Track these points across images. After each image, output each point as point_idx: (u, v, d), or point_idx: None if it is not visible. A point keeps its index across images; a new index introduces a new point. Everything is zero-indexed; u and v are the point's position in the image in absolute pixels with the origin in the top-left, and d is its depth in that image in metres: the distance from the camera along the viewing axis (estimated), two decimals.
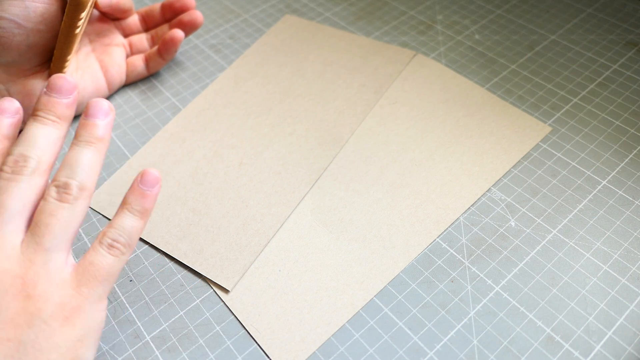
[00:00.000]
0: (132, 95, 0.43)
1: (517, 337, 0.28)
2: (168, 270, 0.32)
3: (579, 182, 0.35)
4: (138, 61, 0.43)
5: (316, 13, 0.50)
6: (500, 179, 0.35)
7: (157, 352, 0.29)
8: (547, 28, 0.46)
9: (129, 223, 0.26)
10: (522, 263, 0.31)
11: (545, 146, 0.37)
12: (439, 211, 0.34)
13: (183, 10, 0.43)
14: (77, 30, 0.35)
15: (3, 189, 0.24)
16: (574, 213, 0.33)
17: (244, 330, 0.29)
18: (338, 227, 0.33)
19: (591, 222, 0.33)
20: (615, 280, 0.30)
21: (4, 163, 0.25)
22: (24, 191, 0.24)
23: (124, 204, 0.26)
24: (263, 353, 0.28)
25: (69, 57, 0.37)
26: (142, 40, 0.44)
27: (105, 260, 0.25)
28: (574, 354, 0.27)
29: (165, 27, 0.44)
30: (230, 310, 0.30)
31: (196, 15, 0.43)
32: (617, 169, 0.35)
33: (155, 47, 0.43)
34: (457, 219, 0.33)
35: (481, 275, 0.31)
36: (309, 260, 0.32)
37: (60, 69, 0.37)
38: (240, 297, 0.31)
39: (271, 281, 0.31)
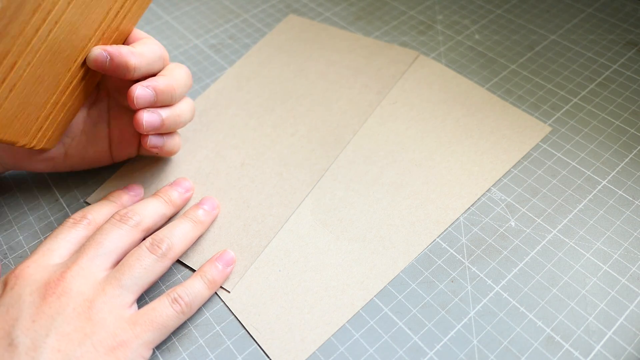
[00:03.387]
0: None
1: (517, 337, 0.28)
2: (168, 270, 0.32)
3: (579, 182, 0.35)
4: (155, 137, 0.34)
5: (316, 13, 0.50)
6: (500, 179, 0.35)
7: (157, 352, 0.29)
8: (547, 28, 0.46)
9: (197, 287, 0.29)
10: (522, 263, 0.31)
11: (545, 146, 0.37)
12: (439, 211, 0.34)
13: None
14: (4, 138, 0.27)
15: (107, 231, 0.29)
16: (574, 213, 0.33)
17: (244, 330, 0.29)
18: (338, 227, 0.33)
19: (591, 222, 0.33)
20: (615, 280, 0.30)
21: (116, 213, 0.30)
22: (121, 237, 0.29)
23: (199, 271, 0.30)
24: (263, 353, 0.28)
25: (29, 142, 0.30)
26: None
27: (166, 311, 0.27)
28: (574, 354, 0.27)
29: None
30: (230, 310, 0.30)
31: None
32: (617, 169, 0.35)
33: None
34: (457, 219, 0.33)
35: (481, 275, 0.31)
36: (309, 260, 0.32)
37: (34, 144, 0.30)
38: (240, 297, 0.31)
39: (271, 281, 0.31)
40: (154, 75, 0.32)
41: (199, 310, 0.30)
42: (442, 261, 0.32)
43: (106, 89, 0.34)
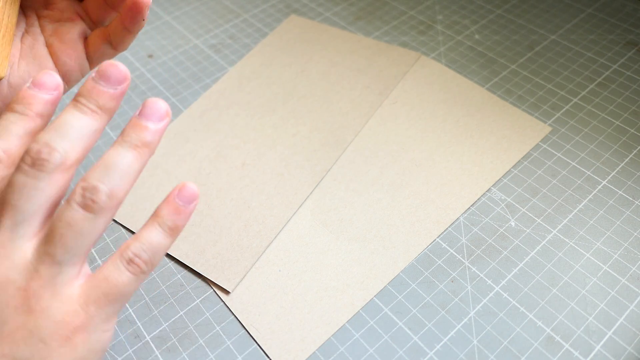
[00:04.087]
0: (131, 95, 0.44)
1: (517, 337, 0.28)
2: (168, 270, 0.32)
3: (579, 182, 0.35)
4: (99, 37, 0.32)
5: (316, 13, 0.50)
6: (500, 179, 0.35)
7: (157, 352, 0.29)
8: (547, 28, 0.46)
9: (156, 239, 0.23)
10: (522, 263, 0.31)
11: (545, 146, 0.37)
12: (439, 211, 0.34)
13: None
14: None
15: (19, 186, 0.21)
16: (574, 213, 0.33)
17: (244, 330, 0.29)
18: (338, 227, 0.33)
19: (591, 222, 0.33)
20: (615, 280, 0.30)
21: (26, 152, 0.21)
22: (41, 191, 0.21)
23: (155, 216, 0.23)
24: (263, 353, 0.28)
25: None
26: (99, 1, 0.32)
27: (121, 278, 0.22)
28: (574, 354, 0.27)
29: None
30: (230, 310, 0.30)
31: None
32: (617, 169, 0.35)
33: (116, 17, 0.31)
34: (457, 219, 0.33)
35: (481, 275, 0.31)
36: (309, 260, 0.32)
37: None
38: (240, 297, 0.31)
39: (271, 281, 0.31)
40: None
41: (199, 310, 0.30)
42: (442, 261, 0.32)
43: (34, 10, 0.31)
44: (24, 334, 0.21)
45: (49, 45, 0.31)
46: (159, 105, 0.23)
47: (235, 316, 0.30)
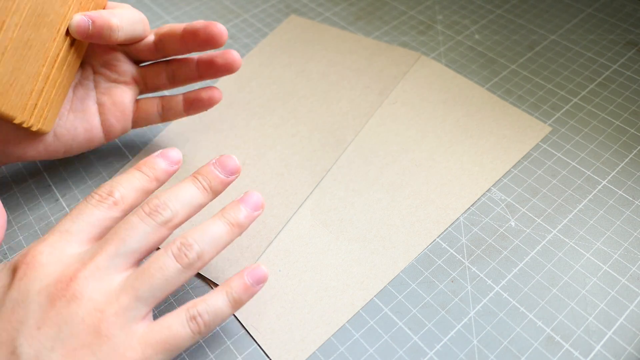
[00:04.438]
0: None
1: (517, 337, 0.28)
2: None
3: (579, 182, 0.35)
4: (152, 107, 0.36)
5: (316, 13, 0.50)
6: (500, 179, 0.35)
7: None
8: (547, 28, 0.46)
9: (220, 305, 0.25)
10: (522, 263, 0.31)
11: (545, 146, 0.37)
12: (439, 211, 0.34)
13: (209, 43, 0.33)
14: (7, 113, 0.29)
15: (132, 225, 0.25)
16: (574, 213, 0.33)
17: (244, 330, 0.29)
18: (338, 227, 0.33)
19: (591, 222, 0.33)
20: (615, 280, 0.30)
21: (147, 201, 0.26)
22: (147, 235, 0.25)
23: (225, 284, 0.26)
24: (263, 353, 0.28)
25: (26, 121, 0.30)
26: (160, 72, 0.35)
27: (182, 331, 0.24)
28: (574, 354, 0.27)
29: (190, 65, 0.35)
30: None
31: (232, 58, 0.34)
32: (617, 169, 0.35)
33: (179, 95, 0.36)
34: (457, 219, 0.33)
35: (481, 275, 0.31)
36: (309, 260, 0.32)
37: (29, 129, 0.31)
38: None
39: (271, 281, 0.31)
40: (138, 39, 0.33)
41: None
42: (442, 261, 0.32)
43: (91, 66, 0.34)
44: (86, 354, 0.22)
45: (100, 104, 0.34)
46: (258, 197, 0.28)
47: (235, 316, 0.30)
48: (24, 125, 0.30)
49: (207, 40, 0.33)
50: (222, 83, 0.43)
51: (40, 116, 0.31)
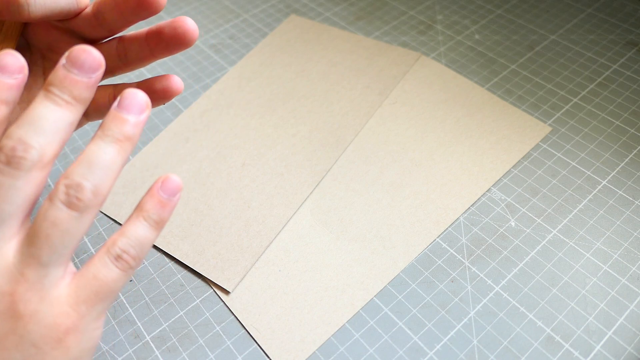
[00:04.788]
0: None
1: (517, 337, 0.28)
2: (168, 270, 0.32)
3: (579, 182, 0.35)
4: (103, 97, 0.30)
5: (316, 13, 0.50)
6: (500, 179, 0.35)
7: (157, 352, 0.29)
8: (547, 28, 0.46)
9: (142, 233, 0.22)
10: (522, 263, 0.31)
11: (545, 146, 0.37)
12: (439, 211, 0.34)
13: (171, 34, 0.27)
14: None
15: None
16: (574, 213, 0.33)
17: (244, 330, 0.29)
18: (338, 227, 0.33)
19: (591, 222, 0.33)
20: (615, 280, 0.30)
21: (0, 149, 0.20)
22: (19, 190, 0.20)
23: (139, 210, 0.23)
24: (263, 353, 0.28)
25: None
26: (109, 50, 0.29)
27: (111, 274, 0.22)
28: (574, 354, 0.27)
29: (140, 38, 0.28)
30: (230, 310, 0.30)
31: (185, 24, 0.26)
32: (617, 169, 0.35)
33: (132, 84, 0.29)
34: (457, 219, 0.33)
35: (481, 275, 0.31)
36: (309, 260, 0.32)
37: None
38: (240, 297, 0.31)
39: (271, 281, 0.31)
40: (65, 13, 0.26)
41: (199, 310, 0.30)
42: (442, 261, 0.32)
43: (38, 50, 0.29)
44: (15, 340, 0.20)
45: None
46: (139, 96, 0.22)
47: (235, 316, 0.30)
48: None
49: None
50: (221, 83, 0.43)
51: None
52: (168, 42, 0.27)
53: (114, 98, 0.29)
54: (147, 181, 0.37)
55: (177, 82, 0.29)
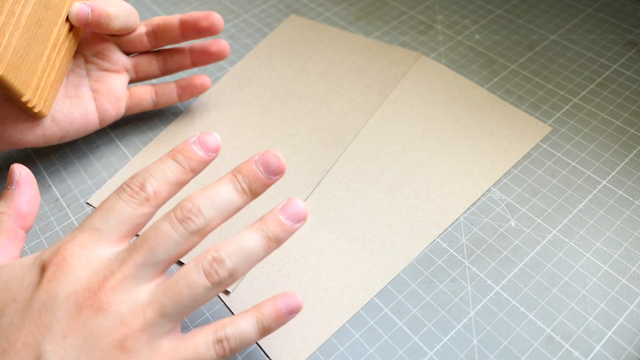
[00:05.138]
0: None
1: (517, 337, 0.28)
2: (168, 270, 0.32)
3: (579, 182, 0.35)
4: (145, 93, 0.38)
5: (316, 13, 0.50)
6: (500, 179, 0.35)
7: None
8: (547, 28, 0.46)
9: (249, 331, 0.24)
10: (522, 263, 0.31)
11: (545, 146, 0.37)
12: (439, 211, 0.34)
13: (210, 31, 0.36)
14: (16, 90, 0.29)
15: (163, 234, 0.23)
16: (574, 213, 0.33)
17: None
18: (338, 227, 0.33)
19: (591, 222, 0.33)
20: (615, 280, 0.30)
21: (179, 206, 0.24)
22: (178, 245, 0.23)
23: (256, 310, 0.24)
24: (263, 353, 0.28)
25: (31, 104, 0.31)
26: (151, 62, 0.38)
27: (206, 354, 0.23)
28: (574, 354, 0.27)
29: (182, 54, 0.38)
30: (230, 310, 0.30)
31: (224, 46, 0.38)
32: (617, 169, 0.35)
33: (171, 83, 0.39)
34: (457, 219, 0.33)
35: (481, 275, 0.31)
36: (309, 260, 0.32)
37: (30, 112, 0.32)
38: (240, 297, 0.31)
39: (271, 281, 0.31)
40: (131, 30, 0.35)
41: (199, 310, 0.30)
42: (442, 261, 0.32)
43: (83, 55, 0.36)
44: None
45: (94, 90, 0.36)
46: (301, 207, 0.25)
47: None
48: (29, 104, 0.31)
49: (208, 28, 0.36)
50: (221, 83, 0.43)
51: (42, 98, 0.32)
52: (211, 56, 0.38)
53: (155, 94, 0.38)
54: None
55: (209, 79, 0.39)
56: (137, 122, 0.41)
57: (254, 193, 0.25)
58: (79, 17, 0.32)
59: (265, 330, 0.24)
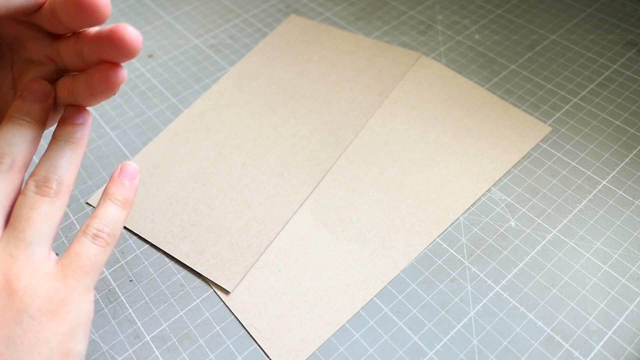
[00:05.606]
0: (132, 96, 0.43)
1: (517, 337, 0.28)
2: (168, 270, 0.32)
3: (579, 182, 0.35)
4: (65, 90, 0.28)
5: (316, 13, 0.50)
6: (500, 179, 0.35)
7: (157, 352, 0.29)
8: (547, 28, 0.46)
9: (112, 212, 0.26)
10: (522, 263, 0.31)
11: (545, 146, 0.37)
12: (439, 211, 0.34)
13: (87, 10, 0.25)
14: None
15: None
16: (574, 213, 0.33)
17: (244, 330, 0.29)
18: (338, 227, 0.33)
19: (591, 222, 0.33)
20: (615, 280, 0.30)
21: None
22: (0, 188, 0.24)
23: (105, 194, 0.27)
24: (263, 353, 0.28)
25: None
26: (69, 46, 0.27)
27: (91, 251, 0.25)
28: (574, 354, 0.27)
29: (94, 40, 0.27)
30: (230, 310, 0.30)
31: (126, 34, 0.24)
32: (617, 169, 0.35)
33: (82, 74, 0.27)
34: (457, 219, 0.33)
35: (481, 275, 0.31)
36: (309, 260, 0.32)
37: None
38: (240, 297, 0.31)
39: (271, 281, 0.31)
40: (22, 9, 0.25)
41: (199, 310, 0.30)
42: (442, 261, 0.32)
43: (7, 44, 0.29)
44: (13, 314, 0.22)
45: (15, 86, 0.29)
46: (79, 110, 0.27)
47: (235, 316, 0.30)
48: None
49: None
50: (221, 83, 0.43)
51: None
52: (108, 47, 0.25)
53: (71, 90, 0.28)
54: (146, 181, 0.37)
55: (116, 74, 0.26)
56: (137, 122, 0.41)
57: (36, 119, 0.26)
58: None
59: (124, 203, 0.27)
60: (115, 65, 0.26)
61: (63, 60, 0.28)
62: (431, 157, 0.37)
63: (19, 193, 0.25)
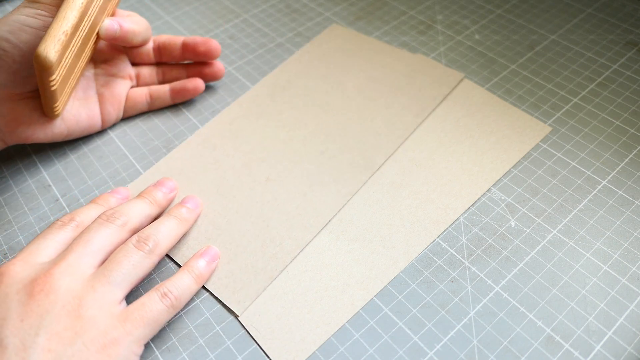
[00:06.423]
0: None
1: (517, 337, 0.28)
2: (168, 270, 0.32)
3: (579, 182, 0.35)
4: (141, 96, 0.40)
5: (316, 13, 0.50)
6: (500, 179, 0.35)
7: (157, 352, 0.29)
8: (547, 28, 0.46)
9: (185, 281, 0.29)
10: (522, 263, 0.31)
11: (545, 146, 0.37)
12: (439, 211, 0.34)
13: (206, 55, 0.40)
14: (53, 88, 0.32)
15: (94, 229, 0.29)
16: (574, 213, 0.33)
17: (244, 330, 0.29)
18: (338, 227, 0.33)
19: (591, 222, 0.33)
20: (615, 280, 0.30)
21: (103, 213, 0.30)
22: (108, 236, 0.29)
23: (187, 264, 0.30)
24: (263, 353, 0.28)
25: (56, 105, 0.34)
26: (152, 73, 0.41)
27: (156, 306, 0.27)
28: (574, 354, 0.27)
29: (180, 69, 0.42)
30: (230, 310, 0.30)
31: (219, 68, 0.42)
32: (617, 169, 0.35)
33: (166, 86, 0.41)
34: (457, 219, 0.33)
35: (481, 275, 0.31)
36: (309, 260, 0.32)
37: (50, 112, 0.35)
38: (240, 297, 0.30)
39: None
40: (145, 43, 0.40)
41: (199, 310, 0.30)
42: (442, 261, 0.32)
43: (92, 60, 0.39)
44: (70, 335, 0.24)
45: (99, 94, 0.39)
46: (195, 199, 0.34)
47: (235, 316, 0.30)
48: (55, 109, 0.34)
49: (204, 53, 0.40)
50: (254, 91, 0.42)
51: (62, 102, 0.35)
52: (205, 76, 0.42)
53: (150, 97, 0.41)
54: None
55: (202, 83, 0.41)
56: (137, 122, 0.41)
57: (159, 204, 0.33)
58: (108, 33, 0.35)
59: (199, 277, 0.30)
60: (198, 80, 0.41)
61: (140, 79, 0.41)
62: (431, 157, 0.37)
63: (117, 243, 0.29)
